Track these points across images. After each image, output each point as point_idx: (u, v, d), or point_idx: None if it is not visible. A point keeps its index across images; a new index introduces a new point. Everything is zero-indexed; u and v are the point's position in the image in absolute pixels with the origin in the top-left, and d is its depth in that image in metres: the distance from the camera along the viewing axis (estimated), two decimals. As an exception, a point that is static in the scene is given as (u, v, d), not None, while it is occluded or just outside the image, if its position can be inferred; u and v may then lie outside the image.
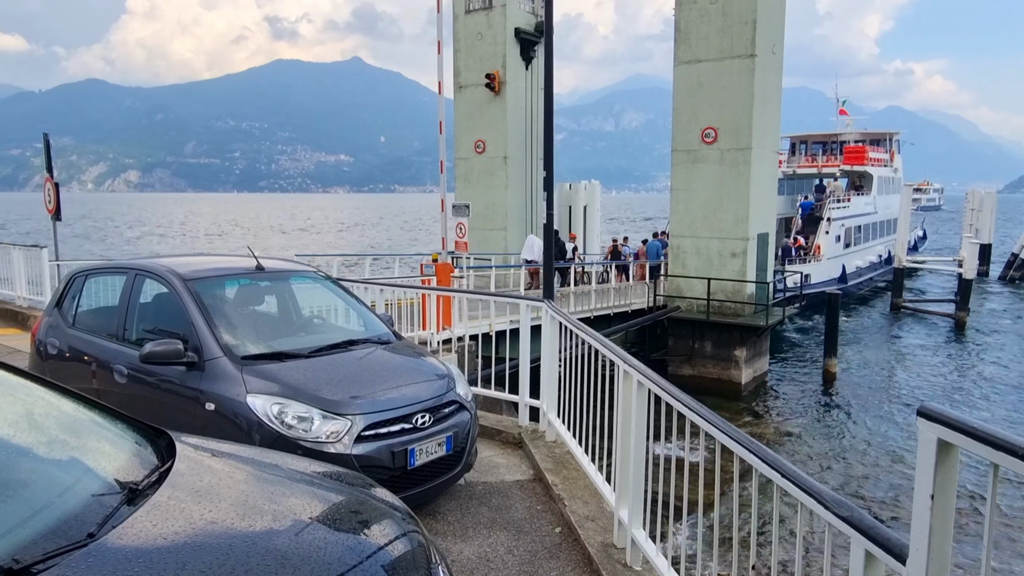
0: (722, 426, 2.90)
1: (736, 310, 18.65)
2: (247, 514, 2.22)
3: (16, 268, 12.59)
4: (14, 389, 2.58)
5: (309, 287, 5.75)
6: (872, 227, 35.56)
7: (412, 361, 5.03)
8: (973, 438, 1.65)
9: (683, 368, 18.67)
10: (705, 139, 18.91)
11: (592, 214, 26.21)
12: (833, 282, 29.06)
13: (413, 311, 9.85)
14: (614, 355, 4.17)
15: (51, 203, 12.84)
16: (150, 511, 2.09)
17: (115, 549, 1.89)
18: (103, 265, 5.97)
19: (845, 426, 15.89)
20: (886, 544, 1.91)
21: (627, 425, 3.91)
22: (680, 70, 19.35)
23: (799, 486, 2.30)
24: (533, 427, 6.18)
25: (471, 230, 18.31)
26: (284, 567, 1.98)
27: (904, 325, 27.64)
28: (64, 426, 2.53)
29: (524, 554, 4.19)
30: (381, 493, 2.77)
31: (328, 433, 4.08)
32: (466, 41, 23.35)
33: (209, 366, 4.37)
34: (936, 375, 20.28)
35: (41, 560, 1.76)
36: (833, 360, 19.14)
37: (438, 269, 13.22)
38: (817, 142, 39.24)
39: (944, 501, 1.75)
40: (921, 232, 49.05)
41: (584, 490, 4.89)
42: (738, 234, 18.76)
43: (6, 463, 2.20)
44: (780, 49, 19.35)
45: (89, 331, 5.32)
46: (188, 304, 4.65)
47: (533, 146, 23.50)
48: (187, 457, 2.52)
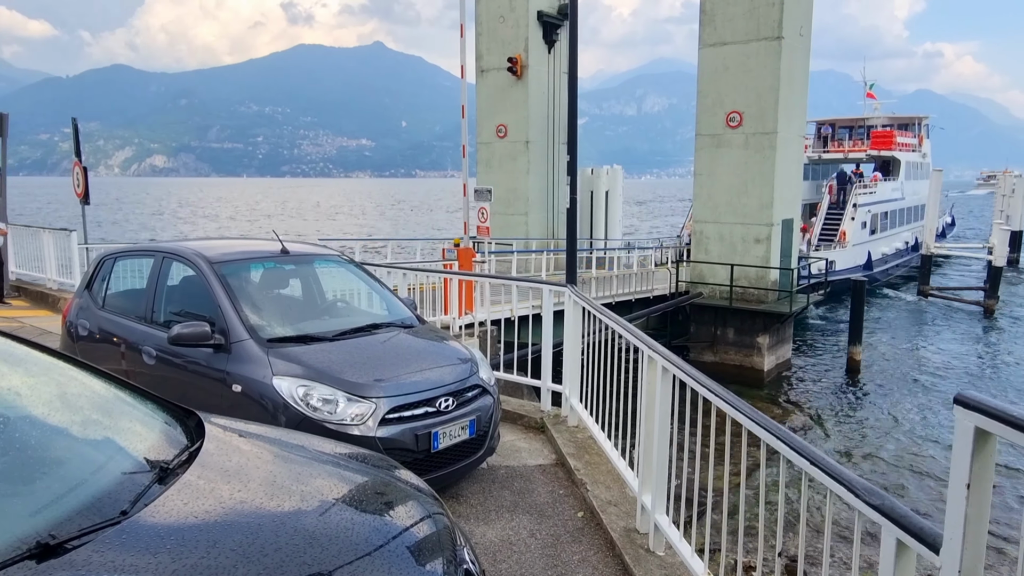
0: (749, 412, 2.87)
1: (759, 297, 18.46)
2: (275, 494, 2.24)
3: (46, 251, 12.82)
4: (47, 369, 2.62)
5: (333, 271, 5.78)
6: (899, 213, 34.92)
7: (435, 345, 5.04)
8: (1013, 427, 1.61)
9: (705, 355, 18.54)
10: (730, 123, 18.65)
11: (614, 199, 26.01)
12: (858, 269, 28.63)
13: (435, 296, 9.88)
14: (638, 340, 4.15)
15: (80, 187, 13.02)
16: (180, 490, 2.12)
17: (147, 526, 1.92)
18: (131, 248, 6.06)
19: (870, 415, 15.71)
20: (919, 533, 1.88)
21: (651, 411, 3.89)
22: (705, 53, 19.06)
23: (829, 473, 2.27)
24: (555, 412, 6.19)
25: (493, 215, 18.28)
26: (311, 546, 2.00)
27: (931, 313, 27.19)
28: (96, 406, 2.57)
29: (547, 538, 4.21)
30: (406, 475, 2.78)
31: (353, 415, 4.12)
32: (488, 24, 23.18)
33: (236, 348, 4.41)
34: (963, 363, 19.96)
35: (76, 536, 1.80)
36: (858, 348, 18.89)
37: (460, 254, 13.23)
38: (844, 127, 38.52)
39: (980, 490, 1.72)
40: (950, 219, 48.10)
41: (606, 475, 4.89)
42: (762, 220, 18.53)
43: (41, 441, 2.24)
44: (808, 31, 18.99)
45: (118, 313, 5.40)
46: (215, 287, 4.69)
47: (555, 131, 23.35)
48: (216, 437, 2.55)
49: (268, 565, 1.87)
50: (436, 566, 2.21)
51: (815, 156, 36.04)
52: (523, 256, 20.16)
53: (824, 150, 36.84)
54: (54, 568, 1.69)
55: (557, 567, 3.88)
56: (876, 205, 31.60)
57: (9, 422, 2.24)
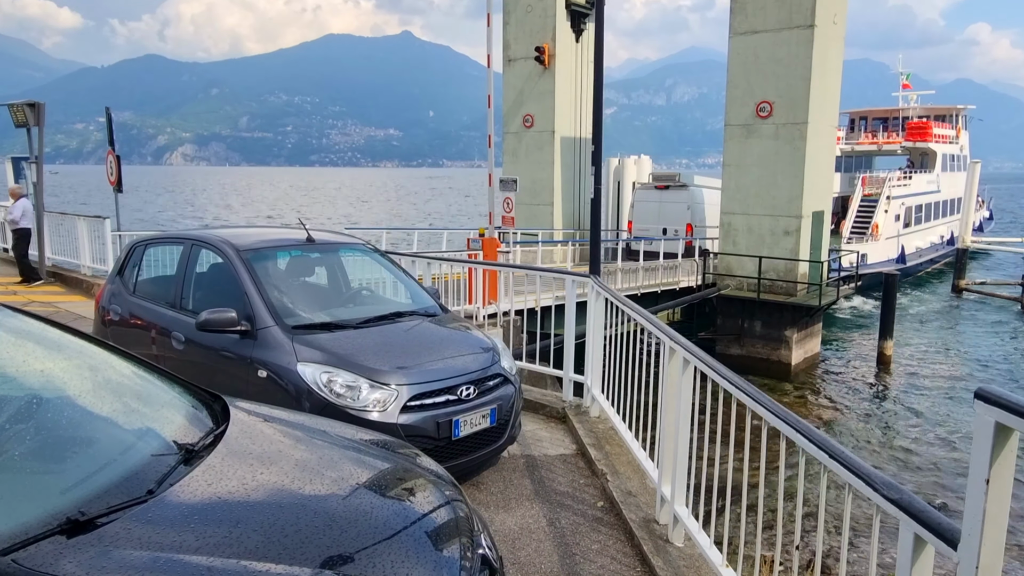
0: (769, 405, 2.86)
1: (788, 289, 18.23)
2: (297, 477, 2.29)
3: (81, 238, 13.12)
4: (79, 353, 2.70)
5: (358, 259, 5.84)
6: (935, 206, 34.16)
7: (458, 334, 5.07)
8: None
9: (731, 348, 18.39)
10: (760, 113, 18.39)
11: (641, 190, 25.84)
12: (891, 263, 28.12)
13: (460, 285, 9.92)
14: (660, 331, 4.14)
15: (113, 175, 13.29)
16: (205, 471, 2.18)
17: (173, 505, 1.98)
18: (162, 235, 6.17)
19: (899, 411, 15.47)
20: (937, 528, 1.86)
21: (672, 402, 3.88)
22: (736, 41, 18.79)
23: (848, 468, 2.26)
24: (577, 402, 6.20)
25: (518, 205, 18.28)
26: (332, 528, 2.04)
27: (965, 308, 26.62)
28: (126, 389, 2.64)
29: (566, 526, 4.23)
30: (426, 462, 2.82)
31: (375, 402, 4.17)
32: (516, 14, 23.09)
33: (261, 335, 4.49)
34: (997, 360, 19.53)
35: (105, 513, 1.86)
36: (889, 343, 18.58)
37: (485, 244, 13.26)
38: (877, 118, 37.76)
39: (1000, 486, 1.70)
40: (988, 212, 46.93)
41: (627, 466, 4.89)
42: (792, 212, 18.27)
43: (72, 422, 2.31)
44: (842, 19, 18.60)
45: (148, 299, 5.51)
46: (242, 274, 4.77)
47: (582, 120, 23.23)
48: (240, 421, 2.61)
49: (289, 545, 1.92)
50: (453, 551, 2.24)
51: (848, 148, 35.39)
52: (548, 247, 20.13)
53: (857, 142, 36.17)
54: (83, 543, 1.75)
55: (575, 555, 3.91)
56: (910, 198, 30.97)
57: (43, 403, 2.32)
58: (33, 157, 12.24)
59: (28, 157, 12.45)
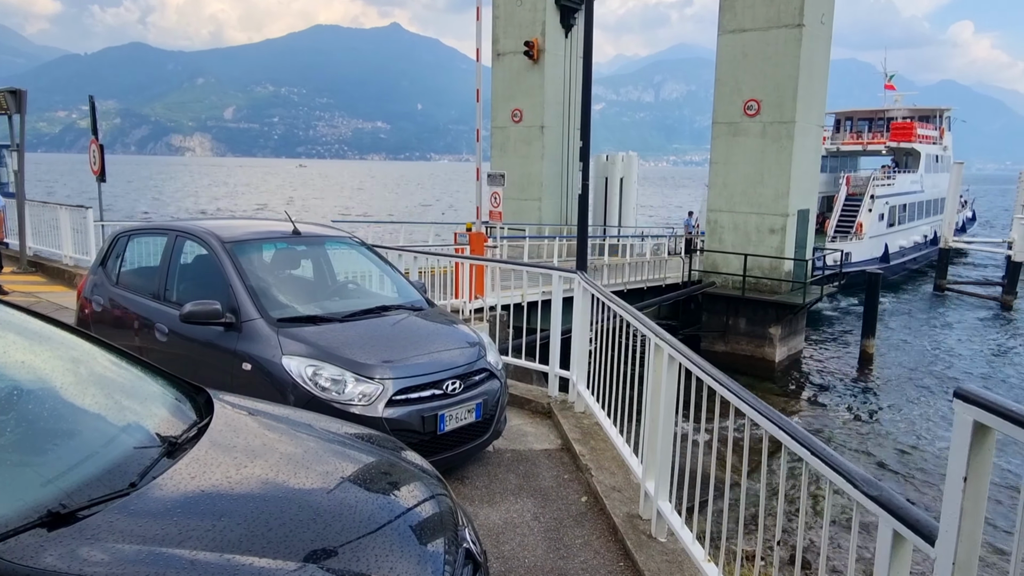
0: (752, 402, 2.88)
1: (773, 287, 18.37)
2: (281, 470, 2.29)
3: (63, 228, 12.96)
4: (61, 344, 2.67)
5: (344, 252, 5.81)
6: (918, 206, 34.53)
7: (444, 328, 5.07)
8: (1011, 421, 1.62)
9: (716, 344, 18.51)
10: (747, 111, 18.47)
11: (629, 186, 25.88)
12: (875, 261, 28.39)
13: (446, 279, 9.90)
14: (645, 328, 4.16)
15: (96, 165, 13.13)
16: (189, 464, 2.17)
17: (156, 498, 1.97)
18: (145, 226, 6.11)
19: (879, 408, 15.65)
20: (915, 525, 1.89)
21: (656, 398, 3.91)
22: (724, 39, 18.85)
23: (829, 464, 2.28)
24: (562, 398, 6.22)
25: (506, 200, 18.26)
26: (316, 522, 2.04)
27: (947, 307, 26.95)
28: (108, 380, 2.62)
29: (550, 521, 4.25)
30: (411, 456, 2.82)
31: (360, 396, 4.16)
32: (505, 7, 23.03)
33: (246, 327, 4.46)
34: (978, 359, 19.80)
35: (86, 506, 1.85)
36: (871, 341, 18.78)
37: (472, 238, 13.24)
38: (863, 118, 38.06)
39: (977, 484, 1.73)
40: (970, 213, 47.46)
41: (611, 461, 4.92)
42: (778, 210, 18.39)
43: (54, 414, 2.29)
44: (829, 19, 18.71)
45: (131, 290, 5.46)
46: (226, 266, 4.74)
47: (571, 116, 23.22)
48: (224, 414, 2.59)
49: (273, 539, 1.91)
50: (438, 545, 2.24)
51: (833, 148, 35.64)
52: (535, 242, 20.14)
53: (842, 142, 36.44)
54: (64, 536, 1.73)
55: (559, 550, 3.92)
56: (894, 197, 31.27)
57: (23, 394, 2.30)
58: (14, 145, 12.07)
59: (8, 144, 12.27)
